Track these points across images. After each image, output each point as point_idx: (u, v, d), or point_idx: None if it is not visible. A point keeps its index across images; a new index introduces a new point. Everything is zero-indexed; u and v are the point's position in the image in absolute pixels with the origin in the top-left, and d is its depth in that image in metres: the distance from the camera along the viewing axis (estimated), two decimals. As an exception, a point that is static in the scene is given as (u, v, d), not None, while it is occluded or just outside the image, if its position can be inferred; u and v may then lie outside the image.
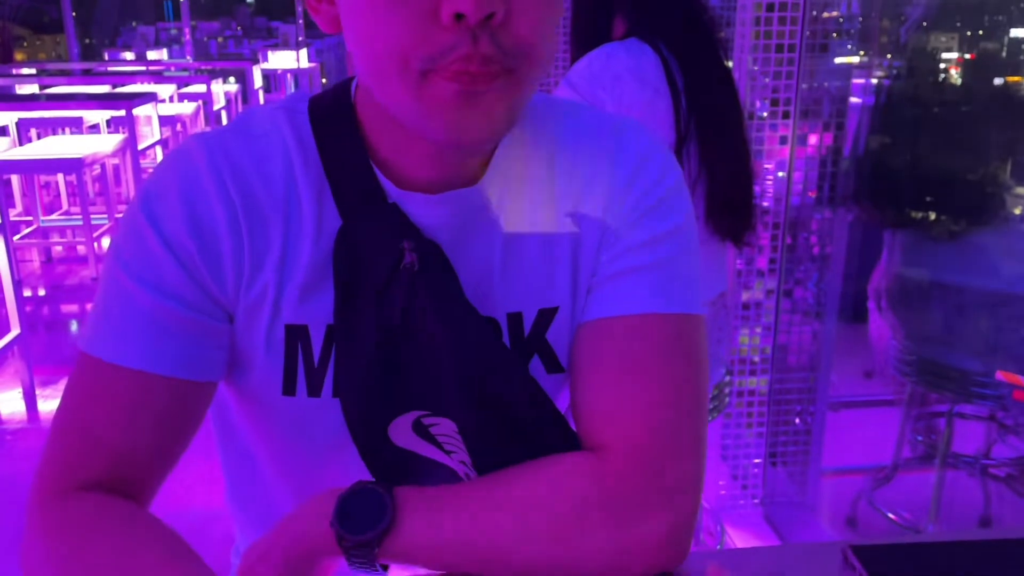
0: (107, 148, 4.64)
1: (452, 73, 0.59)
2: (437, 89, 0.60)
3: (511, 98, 0.62)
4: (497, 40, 0.58)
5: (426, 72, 0.60)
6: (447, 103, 0.60)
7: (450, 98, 0.60)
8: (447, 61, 0.59)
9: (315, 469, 0.79)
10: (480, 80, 0.59)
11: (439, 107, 0.61)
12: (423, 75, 0.60)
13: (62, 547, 0.66)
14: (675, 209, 0.74)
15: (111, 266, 0.69)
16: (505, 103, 0.62)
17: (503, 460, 0.72)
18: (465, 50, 0.58)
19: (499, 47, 0.59)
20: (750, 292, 2.20)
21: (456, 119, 0.61)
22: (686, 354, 0.72)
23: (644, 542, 0.67)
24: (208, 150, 0.69)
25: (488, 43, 0.58)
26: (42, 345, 3.78)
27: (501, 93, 0.61)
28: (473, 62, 0.58)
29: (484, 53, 0.58)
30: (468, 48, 0.58)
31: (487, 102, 0.61)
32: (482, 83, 0.60)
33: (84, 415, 0.70)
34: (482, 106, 0.61)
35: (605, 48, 1.64)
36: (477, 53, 0.58)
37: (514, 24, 0.59)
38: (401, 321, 0.70)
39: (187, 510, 2.34)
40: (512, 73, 0.61)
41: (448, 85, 0.59)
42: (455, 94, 0.60)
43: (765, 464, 2.32)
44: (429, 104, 0.61)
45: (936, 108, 2.20)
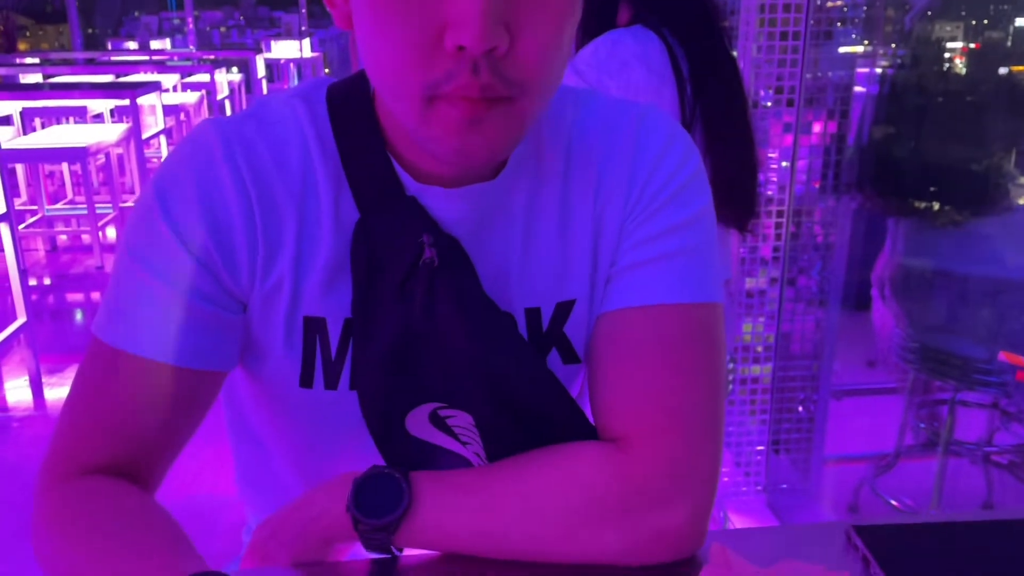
0: (111, 137, 4.65)
1: (452, 100, 0.59)
2: (441, 114, 0.60)
3: (514, 126, 0.62)
4: (499, 71, 0.58)
5: (430, 97, 0.59)
6: (450, 128, 0.60)
7: (453, 124, 0.60)
8: (448, 89, 0.58)
9: (329, 458, 0.79)
10: (480, 107, 0.59)
11: (442, 131, 0.60)
12: (427, 100, 0.59)
13: (69, 529, 0.67)
14: (695, 197, 0.74)
15: (123, 253, 0.69)
16: (508, 131, 0.62)
17: (519, 451, 0.72)
18: (464, 79, 0.57)
19: (501, 77, 0.58)
20: (754, 280, 2.20)
21: (458, 144, 0.61)
22: (705, 343, 0.72)
23: (662, 531, 0.67)
24: (223, 138, 0.69)
25: (488, 73, 0.57)
26: (47, 334, 3.79)
27: (503, 121, 0.61)
28: (473, 89, 0.58)
29: (484, 83, 0.58)
30: (467, 78, 0.57)
31: (489, 129, 0.60)
32: (482, 110, 0.59)
33: (94, 400, 0.71)
34: (485, 132, 0.60)
35: (611, 35, 1.64)
36: (477, 82, 0.57)
37: (518, 55, 0.58)
38: (420, 316, 0.69)
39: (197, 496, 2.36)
40: (513, 102, 0.60)
41: (451, 111, 0.59)
42: (457, 120, 0.59)
43: (768, 451, 2.33)
44: (433, 127, 0.60)
45: (940, 98, 2.20)
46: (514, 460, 0.71)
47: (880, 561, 0.68)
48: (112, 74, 6.71)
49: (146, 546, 0.63)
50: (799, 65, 1.97)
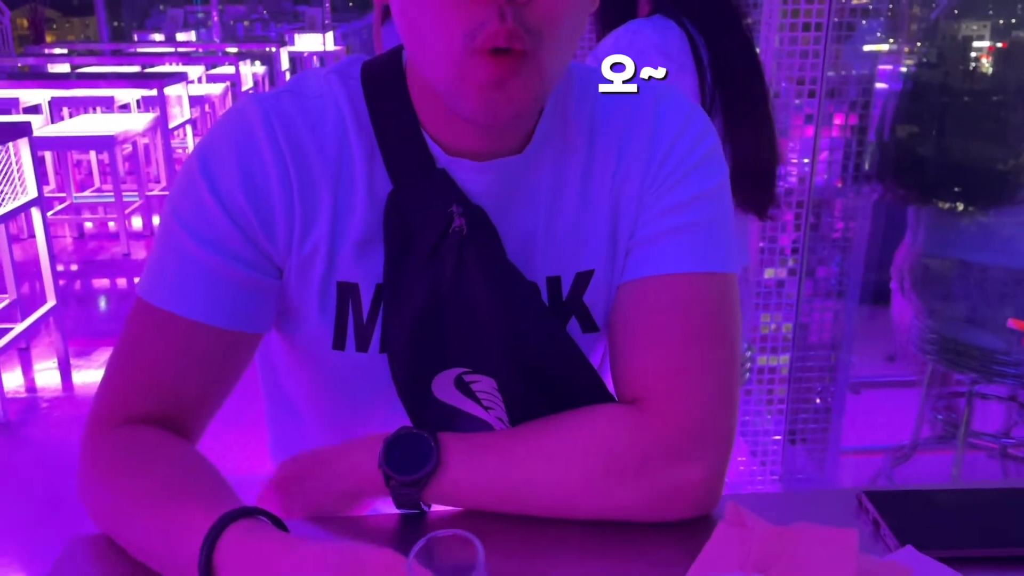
0: (138, 126, 4.72)
1: (485, 55, 0.62)
2: (474, 70, 0.63)
3: (534, 83, 0.65)
4: (521, 18, 0.61)
5: (465, 51, 0.63)
6: (481, 85, 0.63)
7: (484, 81, 0.63)
8: (480, 38, 0.61)
9: (358, 420, 0.83)
10: (506, 66, 0.63)
11: (473, 88, 0.64)
12: (463, 54, 0.63)
13: (113, 473, 0.70)
14: (713, 171, 0.77)
15: (168, 219, 0.73)
16: (530, 91, 0.65)
17: (539, 417, 0.76)
18: (494, 26, 0.61)
19: (523, 25, 0.61)
20: (773, 271, 2.21)
21: (486, 102, 0.64)
22: (721, 310, 0.75)
23: (679, 487, 0.71)
24: (263, 111, 0.72)
25: (512, 19, 0.61)
26: (74, 318, 3.86)
27: (523, 81, 0.64)
28: (500, 38, 0.61)
29: (509, 29, 0.61)
30: (496, 24, 0.61)
31: (514, 89, 0.64)
32: (507, 69, 0.63)
33: (138, 355, 0.74)
34: (509, 92, 0.64)
35: (631, 24, 1.65)
36: (504, 29, 0.61)
37: (538, 4, 0.62)
38: (449, 282, 0.73)
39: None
40: (532, 56, 0.63)
41: (483, 69, 0.63)
42: (486, 79, 0.63)
43: (784, 442, 2.34)
44: (466, 84, 0.64)
45: (966, 97, 2.19)
46: (536, 422, 0.75)
47: (890, 524, 0.70)
48: (138, 65, 6.79)
49: (187, 487, 0.66)
50: (821, 56, 1.98)
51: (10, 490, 2.57)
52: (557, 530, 0.71)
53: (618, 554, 0.69)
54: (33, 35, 10.97)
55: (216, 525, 0.60)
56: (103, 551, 0.69)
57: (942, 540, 0.69)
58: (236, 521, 0.61)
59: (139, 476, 0.68)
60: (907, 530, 0.69)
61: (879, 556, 0.66)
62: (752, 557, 0.62)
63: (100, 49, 9.28)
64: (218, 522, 0.60)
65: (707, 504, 0.72)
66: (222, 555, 0.59)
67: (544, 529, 0.72)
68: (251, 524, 0.61)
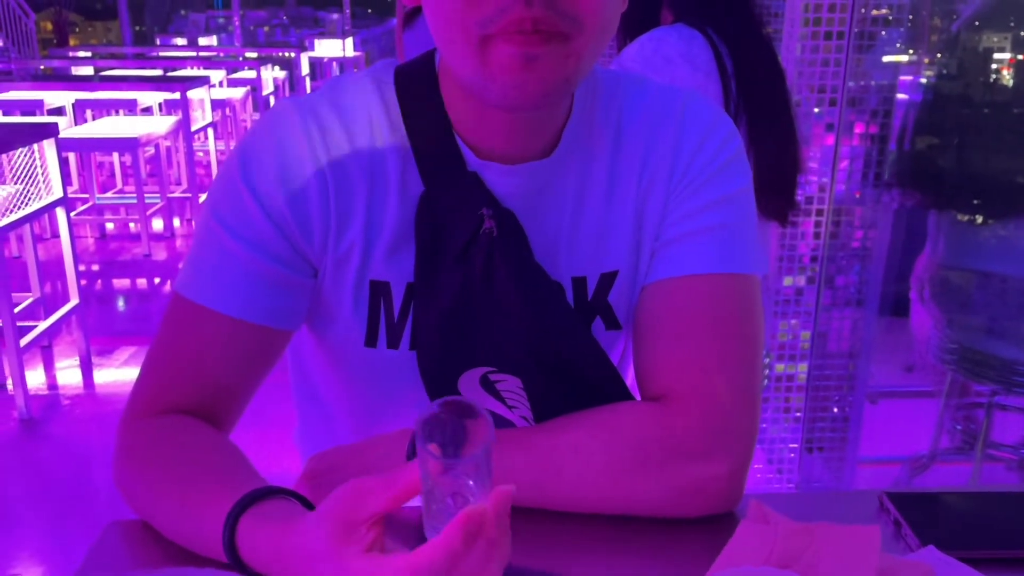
0: (161, 129, 4.77)
1: (508, 36, 0.62)
2: (496, 53, 0.63)
3: (567, 66, 0.64)
4: (553, 4, 0.61)
5: (486, 36, 0.63)
6: (506, 66, 0.63)
7: (508, 61, 0.63)
8: (502, 24, 0.61)
9: (386, 416, 0.84)
10: (534, 41, 0.62)
11: (498, 70, 0.63)
12: (483, 39, 0.63)
13: (148, 459, 0.72)
14: (737, 174, 0.78)
15: (207, 217, 0.75)
16: (561, 71, 0.64)
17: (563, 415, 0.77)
18: (517, 13, 0.60)
19: (555, 10, 0.61)
20: (792, 279, 2.21)
21: (513, 82, 0.64)
22: (745, 311, 0.76)
23: (701, 483, 0.72)
24: (301, 113, 0.74)
25: (541, 7, 0.60)
26: (95, 318, 3.90)
27: (556, 60, 0.63)
28: (525, 23, 0.61)
29: (536, 16, 0.60)
30: (520, 11, 0.60)
31: (543, 67, 0.63)
32: (536, 46, 0.62)
33: (175, 349, 0.76)
34: (538, 71, 0.63)
35: (656, 32, 1.67)
36: (529, 16, 0.60)
37: None
38: (478, 282, 0.75)
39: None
40: (567, 40, 0.63)
41: (506, 48, 0.62)
42: (513, 57, 0.62)
43: (801, 450, 2.34)
44: (490, 67, 0.64)
45: (986, 109, 2.19)
46: (561, 418, 0.76)
47: (911, 524, 0.71)
48: (160, 69, 6.87)
49: (215, 472, 0.68)
50: (843, 64, 1.99)
51: (33, 485, 2.60)
52: (580, 525, 0.73)
53: (640, 550, 0.70)
54: (57, 38, 11.12)
55: (238, 504, 0.61)
56: (139, 535, 0.71)
57: (964, 541, 0.69)
58: (260, 500, 0.62)
59: (172, 462, 0.70)
60: (929, 530, 0.70)
61: (900, 556, 0.67)
62: (775, 553, 0.63)
63: (123, 52, 9.39)
64: (240, 501, 0.61)
65: (730, 501, 0.73)
66: (244, 533, 0.60)
67: (567, 524, 0.73)
68: (274, 504, 0.62)
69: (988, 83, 2.37)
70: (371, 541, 0.53)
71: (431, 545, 0.50)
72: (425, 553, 0.49)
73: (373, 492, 0.53)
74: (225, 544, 0.60)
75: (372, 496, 0.53)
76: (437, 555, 0.49)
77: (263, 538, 0.59)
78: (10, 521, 2.38)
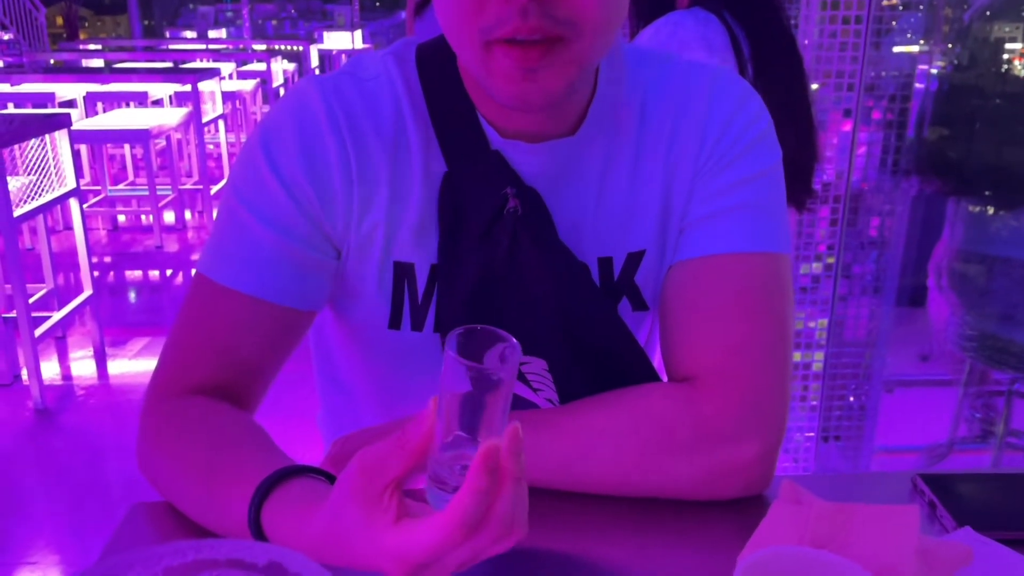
0: (172, 121, 4.78)
1: (507, 47, 0.62)
2: (497, 62, 0.63)
3: (568, 73, 0.64)
4: (549, 12, 0.60)
5: (487, 43, 0.62)
6: (505, 75, 0.63)
7: (509, 72, 0.63)
8: (500, 33, 0.61)
9: (409, 398, 0.83)
10: (533, 54, 0.62)
11: (501, 79, 0.64)
12: (486, 45, 0.63)
13: (172, 439, 0.71)
14: (767, 152, 0.77)
15: (229, 198, 0.74)
16: (563, 78, 0.64)
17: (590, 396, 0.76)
18: (514, 23, 0.60)
19: (551, 18, 0.61)
20: (809, 267, 2.20)
21: (516, 91, 0.64)
22: (775, 291, 0.75)
23: (733, 465, 0.71)
24: (323, 92, 0.73)
25: (537, 16, 0.60)
26: (108, 309, 3.91)
27: (557, 68, 0.63)
28: (523, 31, 0.61)
29: (533, 25, 0.60)
30: (517, 21, 0.60)
31: (544, 78, 0.63)
32: (534, 59, 0.62)
33: (197, 329, 0.76)
34: (540, 80, 0.63)
35: (672, 16, 1.65)
36: (525, 26, 0.60)
37: None
38: (503, 262, 0.73)
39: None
40: (567, 44, 0.62)
41: (505, 60, 0.62)
42: (512, 69, 0.62)
43: (817, 439, 2.33)
44: (494, 74, 0.64)
45: (998, 99, 2.17)
46: (589, 399, 0.75)
47: (946, 505, 0.69)
48: (170, 61, 6.88)
49: (240, 451, 0.67)
50: (861, 50, 1.97)
51: (48, 475, 2.61)
52: (609, 508, 0.72)
53: (670, 532, 0.70)
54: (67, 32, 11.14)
55: (263, 484, 0.60)
56: (163, 516, 0.70)
57: (999, 522, 0.68)
58: (285, 481, 0.60)
59: (197, 443, 0.69)
60: (964, 512, 0.69)
61: (937, 537, 0.66)
62: (809, 533, 0.62)
63: (133, 45, 9.40)
64: (265, 482, 0.60)
65: (761, 483, 0.72)
66: (269, 514, 0.59)
67: (597, 507, 0.72)
68: (300, 483, 0.61)
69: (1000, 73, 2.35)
70: (397, 508, 0.51)
71: (460, 496, 0.48)
72: (457, 505, 0.48)
73: (387, 457, 0.50)
74: (251, 525, 0.60)
75: (387, 462, 0.50)
76: (469, 502, 0.48)
77: (289, 519, 0.58)
78: (26, 511, 2.39)
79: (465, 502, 0.48)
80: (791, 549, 0.58)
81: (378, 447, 0.51)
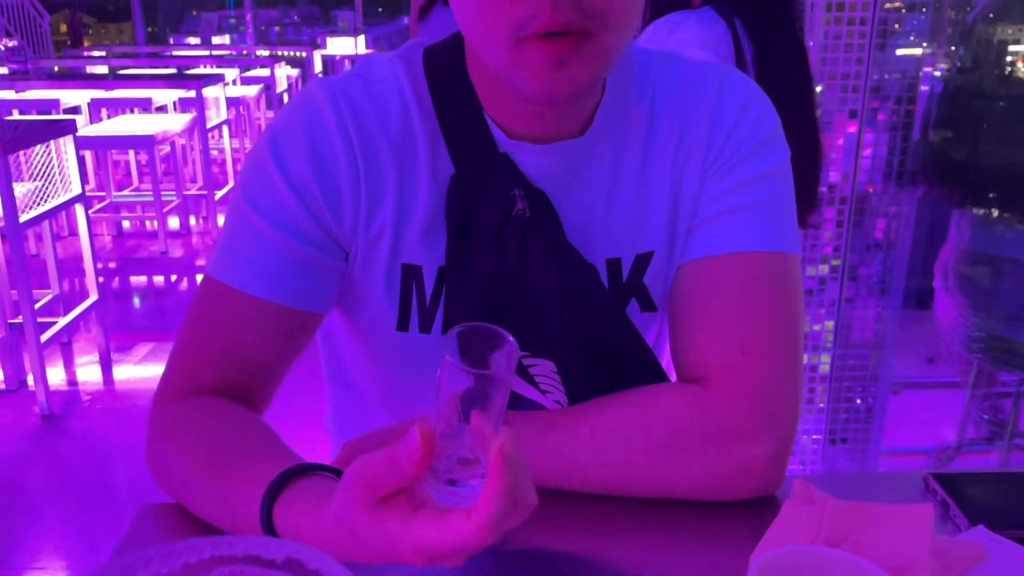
0: (177, 127, 4.79)
1: (538, 41, 0.62)
2: (528, 56, 0.63)
3: (595, 65, 0.64)
4: (577, 3, 0.61)
5: (518, 40, 0.62)
6: (536, 70, 0.63)
7: (539, 66, 0.63)
8: (531, 29, 0.61)
9: (418, 401, 0.83)
10: (564, 47, 0.62)
11: (530, 73, 0.63)
12: (516, 42, 0.62)
13: (181, 439, 0.71)
14: (774, 152, 0.77)
15: (238, 200, 0.74)
16: (590, 70, 0.64)
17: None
18: (545, 18, 0.60)
19: (580, 11, 0.61)
20: (815, 269, 2.19)
21: (544, 85, 0.64)
22: (785, 290, 0.74)
23: (744, 465, 0.70)
24: (331, 94, 0.73)
25: (567, 9, 0.60)
26: (114, 315, 3.92)
27: (585, 60, 0.63)
28: (554, 25, 0.61)
29: (564, 19, 0.60)
30: (548, 16, 0.60)
31: (572, 69, 0.63)
32: (566, 51, 0.62)
33: (206, 331, 0.76)
34: (568, 72, 0.63)
35: (675, 15, 1.65)
36: (557, 19, 0.60)
37: None
38: (512, 264, 0.73)
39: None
40: (594, 38, 0.63)
41: (536, 54, 0.62)
42: (543, 62, 0.62)
43: (824, 442, 2.32)
44: (521, 68, 0.64)
45: (1001, 102, 2.17)
46: (599, 400, 0.74)
47: (959, 504, 0.69)
48: (174, 68, 6.90)
49: (250, 451, 0.67)
50: (866, 51, 1.96)
51: (55, 480, 2.61)
52: (620, 509, 0.71)
53: (681, 533, 0.69)
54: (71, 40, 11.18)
55: (274, 483, 0.60)
56: (173, 517, 0.70)
57: (1013, 521, 0.68)
58: (296, 479, 0.60)
59: (206, 442, 0.69)
60: (977, 510, 0.68)
61: (951, 536, 0.65)
62: (823, 532, 0.62)
63: (136, 52, 9.43)
64: (276, 480, 0.60)
65: (772, 483, 0.72)
66: (280, 512, 0.59)
67: (607, 508, 0.71)
68: (312, 481, 0.61)
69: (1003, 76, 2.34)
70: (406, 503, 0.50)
71: (487, 499, 0.47)
72: (485, 507, 0.47)
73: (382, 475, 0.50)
74: (263, 523, 0.59)
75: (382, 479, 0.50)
76: (497, 503, 0.47)
77: (301, 517, 0.58)
78: (33, 516, 2.39)
79: (492, 504, 0.47)
80: (805, 548, 0.58)
81: (372, 463, 0.50)
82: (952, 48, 2.30)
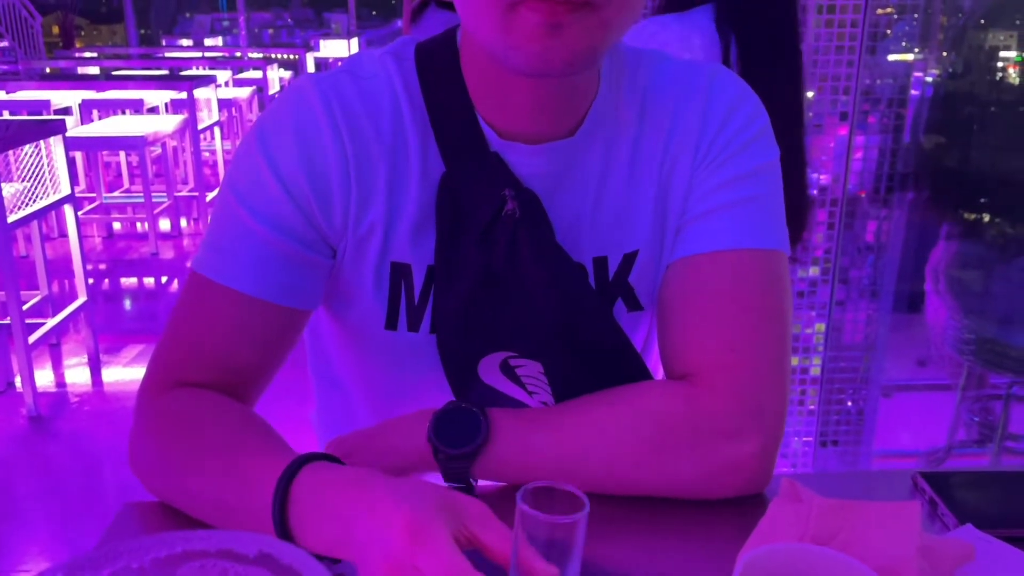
0: (168, 128, 4.77)
1: (534, 4, 0.60)
2: (522, 20, 0.60)
3: (594, 36, 0.62)
4: None
5: (512, 3, 0.60)
6: (531, 34, 0.61)
7: (534, 29, 0.60)
8: None
9: (404, 399, 0.82)
10: (560, 11, 0.60)
11: (524, 38, 0.61)
12: (509, 6, 0.61)
13: (168, 431, 0.70)
14: (764, 149, 0.76)
15: (226, 195, 0.73)
16: (587, 39, 0.62)
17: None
18: None
19: None
20: (806, 271, 2.19)
21: (539, 50, 0.61)
22: (772, 287, 0.74)
23: (732, 462, 0.70)
24: (321, 90, 0.72)
25: None
26: (103, 316, 3.90)
27: (583, 28, 0.61)
28: None
29: None
30: None
31: (569, 35, 0.61)
32: (561, 14, 0.60)
33: (191, 327, 0.75)
34: (564, 39, 0.61)
35: (659, 18, 1.64)
36: None
37: None
38: (501, 264, 0.73)
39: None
40: (595, 9, 0.61)
41: (532, 16, 0.60)
42: (538, 25, 0.60)
43: (815, 444, 2.32)
44: (515, 35, 0.61)
45: (992, 107, 2.18)
46: (586, 398, 0.74)
47: (947, 503, 0.69)
48: (166, 69, 6.88)
49: (252, 440, 0.66)
50: (856, 53, 1.97)
51: (42, 482, 2.59)
52: (607, 506, 0.71)
53: (670, 531, 0.69)
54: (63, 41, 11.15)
55: (291, 467, 0.59)
56: (155, 516, 0.69)
57: (1000, 520, 0.67)
58: (311, 463, 0.60)
59: (201, 431, 0.68)
60: (965, 509, 0.68)
61: (939, 535, 0.65)
62: (810, 530, 0.61)
63: (129, 53, 9.41)
64: (292, 464, 0.59)
65: (760, 481, 0.71)
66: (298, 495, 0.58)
67: (594, 506, 0.70)
68: (326, 464, 0.60)
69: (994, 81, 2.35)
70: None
71: None
72: None
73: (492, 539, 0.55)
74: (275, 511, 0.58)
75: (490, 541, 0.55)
76: None
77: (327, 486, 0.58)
78: (19, 518, 2.37)
79: None
80: (793, 546, 0.58)
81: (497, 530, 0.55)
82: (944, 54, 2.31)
